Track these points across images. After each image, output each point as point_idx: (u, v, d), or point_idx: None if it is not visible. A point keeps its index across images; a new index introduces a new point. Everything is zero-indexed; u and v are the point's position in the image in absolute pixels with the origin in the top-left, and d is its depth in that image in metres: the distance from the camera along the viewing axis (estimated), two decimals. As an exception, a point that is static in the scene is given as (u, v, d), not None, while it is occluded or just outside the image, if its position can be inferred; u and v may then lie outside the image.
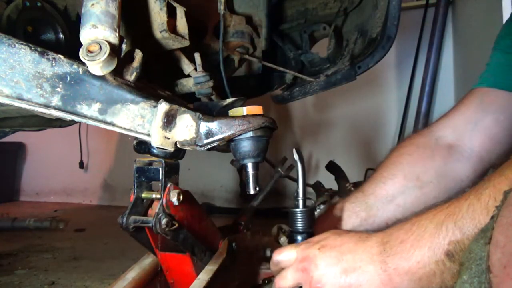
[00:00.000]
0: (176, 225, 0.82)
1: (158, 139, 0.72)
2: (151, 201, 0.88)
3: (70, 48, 0.93)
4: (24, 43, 0.65)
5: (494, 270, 0.35)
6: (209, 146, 0.76)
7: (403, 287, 0.58)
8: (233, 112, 0.80)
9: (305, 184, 0.80)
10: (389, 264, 0.59)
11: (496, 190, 0.49)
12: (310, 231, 0.78)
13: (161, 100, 0.73)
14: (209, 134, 0.75)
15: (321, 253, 0.65)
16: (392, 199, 0.92)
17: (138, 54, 0.73)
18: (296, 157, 0.79)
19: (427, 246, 0.55)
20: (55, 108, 0.67)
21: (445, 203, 0.56)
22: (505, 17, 1.58)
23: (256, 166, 0.81)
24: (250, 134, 0.77)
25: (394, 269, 0.58)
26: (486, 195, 0.50)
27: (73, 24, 0.97)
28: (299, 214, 0.78)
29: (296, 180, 0.80)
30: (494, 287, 0.34)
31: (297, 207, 0.79)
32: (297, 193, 0.79)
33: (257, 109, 0.79)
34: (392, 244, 0.60)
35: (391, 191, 0.92)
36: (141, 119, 0.72)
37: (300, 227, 0.78)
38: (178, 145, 0.76)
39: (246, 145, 0.78)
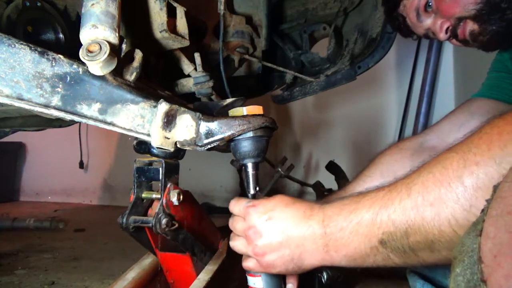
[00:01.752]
0: (176, 225, 0.82)
1: (158, 139, 0.72)
2: (151, 201, 0.89)
3: (70, 48, 0.93)
4: (24, 43, 0.65)
5: (485, 260, 0.36)
6: (209, 146, 0.76)
7: (341, 264, 0.65)
8: (233, 112, 0.80)
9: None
10: (330, 247, 0.64)
11: (424, 187, 0.54)
12: None
13: (161, 100, 0.73)
14: (209, 134, 0.75)
15: (267, 225, 0.69)
16: None
17: (138, 54, 0.73)
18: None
19: (364, 235, 0.60)
20: (55, 108, 0.67)
21: (382, 189, 0.60)
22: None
23: (256, 166, 0.81)
24: (250, 134, 0.77)
25: (334, 252, 0.64)
26: (416, 192, 0.54)
27: (73, 24, 0.97)
28: None
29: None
30: (486, 277, 0.35)
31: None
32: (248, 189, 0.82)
33: (257, 109, 0.79)
34: (332, 229, 0.64)
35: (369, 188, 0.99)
36: (141, 119, 0.72)
37: None
38: (178, 145, 0.76)
39: (246, 145, 0.78)
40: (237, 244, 0.75)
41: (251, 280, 0.81)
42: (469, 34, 0.97)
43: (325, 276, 0.98)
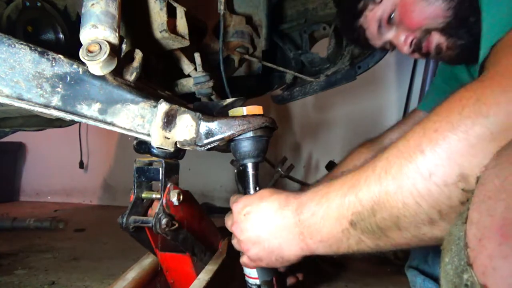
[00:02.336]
0: (176, 225, 0.82)
1: (158, 139, 0.72)
2: (151, 201, 0.89)
3: (70, 48, 0.93)
4: (24, 43, 0.65)
5: (471, 244, 0.37)
6: (209, 146, 0.76)
7: (319, 251, 0.65)
8: (233, 112, 0.80)
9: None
10: (305, 235, 0.65)
11: (387, 162, 0.54)
12: None
13: (161, 100, 0.73)
14: (209, 134, 0.75)
15: (245, 219, 0.71)
16: None
17: (138, 54, 0.73)
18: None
19: (335, 218, 0.60)
20: (55, 108, 0.67)
21: (353, 171, 0.61)
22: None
23: (256, 166, 0.81)
24: (250, 134, 0.77)
25: (310, 239, 0.64)
26: (380, 168, 0.54)
27: (73, 24, 0.97)
28: None
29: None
30: (472, 260, 0.36)
31: None
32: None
33: (257, 109, 0.79)
34: (305, 216, 0.65)
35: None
36: (141, 119, 0.72)
37: None
38: (178, 145, 0.76)
39: (246, 145, 0.78)
40: (232, 241, 0.78)
41: (246, 269, 0.85)
42: (435, 48, 0.95)
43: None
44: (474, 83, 0.51)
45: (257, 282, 0.83)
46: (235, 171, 1.18)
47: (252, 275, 0.84)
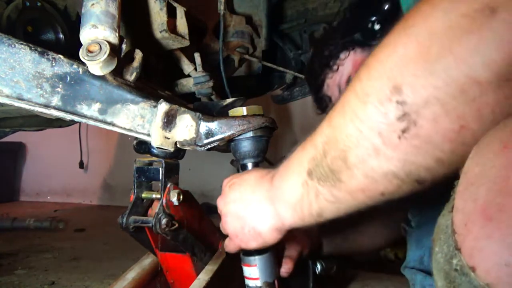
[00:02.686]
0: (176, 225, 0.82)
1: (158, 139, 0.72)
2: (151, 201, 0.89)
3: (70, 48, 0.93)
4: (24, 43, 0.65)
5: (457, 230, 0.38)
6: (209, 146, 0.76)
7: (287, 220, 0.63)
8: (233, 112, 0.80)
9: None
10: (274, 199, 0.64)
11: (338, 104, 0.53)
12: None
13: (161, 100, 0.73)
14: (209, 134, 0.75)
15: (230, 190, 0.71)
16: None
17: (138, 54, 0.73)
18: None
19: (295, 171, 0.60)
20: (55, 108, 0.67)
21: None
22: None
23: (256, 166, 0.81)
24: (250, 134, 0.77)
25: (278, 201, 0.63)
26: (331, 111, 0.54)
27: (73, 24, 0.97)
28: None
29: None
30: (460, 245, 0.37)
31: None
32: None
33: (257, 109, 0.79)
34: (276, 180, 0.64)
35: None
36: (141, 119, 0.72)
37: None
38: (178, 145, 0.76)
39: (246, 145, 0.78)
40: (220, 225, 0.76)
41: (246, 271, 0.82)
42: None
43: (319, 267, 0.99)
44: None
45: (258, 283, 0.81)
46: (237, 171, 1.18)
47: (252, 275, 0.82)
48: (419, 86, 0.42)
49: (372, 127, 0.48)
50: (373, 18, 0.98)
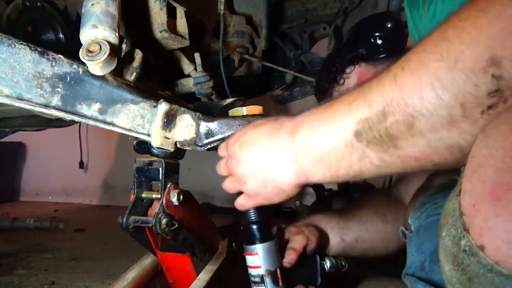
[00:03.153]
0: (176, 225, 0.82)
1: (158, 139, 0.72)
2: (151, 201, 0.88)
3: (70, 48, 0.93)
4: (24, 43, 0.65)
5: (466, 212, 0.37)
6: (209, 146, 0.76)
7: (315, 176, 0.59)
8: (233, 112, 0.80)
9: None
10: (300, 155, 0.60)
11: (405, 59, 0.48)
12: (262, 220, 0.81)
13: (161, 100, 0.73)
14: (209, 134, 0.75)
15: (240, 150, 0.67)
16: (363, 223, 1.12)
17: (138, 54, 0.73)
18: None
19: (337, 128, 0.54)
20: (55, 108, 0.67)
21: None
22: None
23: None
24: (250, 134, 0.76)
25: (305, 158, 0.59)
26: (396, 67, 0.49)
27: (73, 24, 0.97)
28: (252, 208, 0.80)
29: None
30: (468, 225, 0.37)
31: None
32: None
33: (257, 109, 0.79)
34: (302, 133, 0.60)
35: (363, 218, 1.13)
36: (141, 119, 0.72)
37: (253, 217, 0.80)
38: (178, 145, 0.76)
39: (246, 145, 0.78)
40: (225, 183, 0.73)
41: (248, 260, 0.82)
42: None
43: (328, 264, 0.98)
44: None
45: (260, 272, 0.80)
46: None
47: (254, 263, 0.81)
48: None
49: (456, 97, 0.43)
50: (376, 34, 1.05)
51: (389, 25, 1.08)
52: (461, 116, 0.43)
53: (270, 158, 0.63)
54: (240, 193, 0.73)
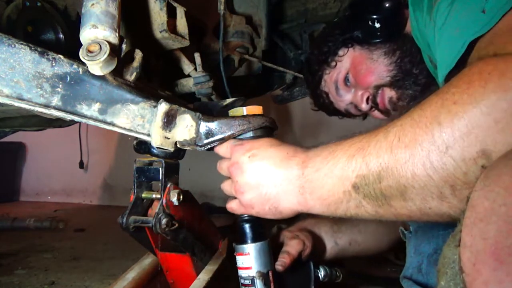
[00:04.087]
0: (176, 225, 0.82)
1: (158, 139, 0.72)
2: (151, 201, 0.88)
3: (70, 48, 0.93)
4: (24, 43, 0.65)
5: (466, 269, 0.37)
6: (209, 146, 0.76)
7: (315, 209, 0.63)
8: (233, 112, 0.80)
9: None
10: (306, 189, 0.63)
11: (401, 129, 0.52)
12: (256, 218, 0.78)
13: (161, 100, 0.73)
14: (209, 134, 0.75)
15: (249, 161, 0.68)
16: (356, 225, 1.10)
17: (138, 54, 0.73)
18: None
19: (338, 177, 0.58)
20: (55, 108, 0.67)
21: (364, 134, 0.59)
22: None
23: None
24: (250, 134, 0.77)
25: (309, 194, 0.62)
26: (392, 134, 0.52)
27: (73, 24, 0.97)
28: None
29: None
30: (468, 286, 0.36)
31: None
32: None
33: (257, 109, 0.79)
34: (310, 170, 0.63)
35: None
36: (141, 119, 0.72)
37: (246, 216, 0.78)
38: (178, 145, 0.76)
39: (246, 145, 0.78)
40: (224, 184, 0.75)
41: (239, 260, 0.80)
42: (388, 102, 1.02)
43: (322, 273, 0.97)
44: (492, 58, 0.48)
45: (250, 273, 0.78)
46: None
47: (245, 264, 0.79)
48: None
49: (446, 179, 0.46)
50: (374, 17, 0.97)
51: (388, 8, 0.98)
52: (450, 194, 0.47)
53: (278, 181, 0.66)
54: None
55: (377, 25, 0.98)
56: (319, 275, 0.97)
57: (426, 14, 0.79)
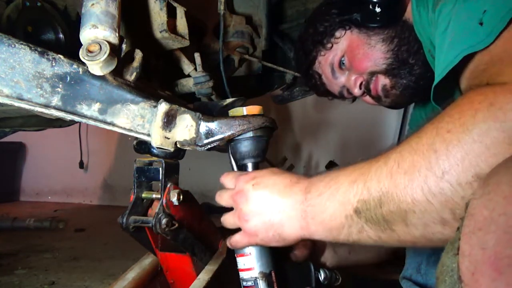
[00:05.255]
0: (176, 225, 0.82)
1: (158, 139, 0.72)
2: (151, 201, 0.89)
3: (70, 48, 0.93)
4: (24, 43, 0.65)
5: (464, 279, 0.37)
6: (209, 146, 0.76)
7: (317, 235, 0.64)
8: (233, 112, 0.80)
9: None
10: (308, 213, 0.64)
11: (400, 156, 0.54)
12: None
13: (161, 100, 0.73)
14: (209, 134, 0.75)
15: (254, 189, 0.69)
16: None
17: (138, 54, 0.73)
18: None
19: (339, 202, 0.59)
20: (55, 108, 0.67)
21: (365, 161, 0.60)
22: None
23: (256, 166, 0.81)
24: (250, 134, 0.77)
25: (312, 218, 0.63)
26: (392, 161, 0.54)
27: (73, 24, 0.97)
28: None
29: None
30: None
31: None
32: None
33: (257, 109, 0.79)
34: (312, 195, 0.64)
35: None
36: (141, 119, 0.72)
37: None
38: (178, 145, 0.76)
39: (246, 145, 0.78)
40: (225, 217, 0.75)
41: (240, 262, 0.79)
42: (382, 89, 1.01)
43: (323, 275, 0.97)
44: (482, 88, 0.51)
45: (253, 274, 0.77)
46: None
47: (246, 265, 0.78)
48: None
49: (445, 204, 0.48)
50: (375, 0, 0.95)
51: None
52: (452, 219, 0.48)
53: (282, 207, 0.67)
54: (235, 230, 0.75)
55: (378, 9, 0.95)
56: (320, 276, 0.97)
57: (431, 12, 0.79)
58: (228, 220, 0.75)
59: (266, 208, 0.67)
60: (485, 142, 0.46)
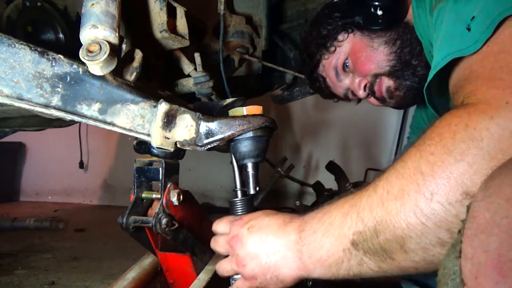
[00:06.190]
0: (176, 225, 0.82)
1: (158, 139, 0.72)
2: (151, 201, 0.89)
3: (70, 48, 0.93)
4: (24, 43, 0.65)
5: (467, 282, 0.37)
6: (209, 146, 0.76)
7: (316, 273, 0.62)
8: (233, 112, 0.80)
9: (241, 177, 0.82)
10: (304, 253, 0.63)
11: (388, 182, 0.54)
12: None
13: (161, 100, 0.73)
14: (209, 134, 0.75)
15: (249, 233, 0.69)
16: None
17: (138, 54, 0.73)
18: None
19: (335, 236, 0.59)
20: (55, 108, 0.67)
21: (356, 191, 0.60)
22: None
23: (256, 166, 0.81)
24: (250, 134, 0.77)
25: (308, 257, 0.62)
26: (381, 188, 0.55)
27: (73, 24, 0.97)
28: (239, 203, 0.79)
29: (234, 174, 0.82)
30: None
31: (236, 197, 0.81)
32: (235, 185, 0.82)
33: (257, 109, 0.79)
34: (306, 233, 0.63)
35: None
36: (141, 119, 0.72)
37: (240, 213, 0.78)
38: (178, 145, 0.76)
39: (246, 145, 0.78)
40: (221, 263, 0.74)
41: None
42: (386, 91, 1.02)
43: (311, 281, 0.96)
44: (458, 109, 0.53)
45: None
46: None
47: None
48: None
49: (440, 224, 0.48)
50: (377, 3, 0.95)
51: None
52: (449, 238, 0.48)
53: (277, 248, 0.66)
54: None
55: (379, 12, 0.96)
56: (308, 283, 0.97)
57: (429, 15, 0.79)
58: (224, 267, 0.73)
59: (262, 251, 0.66)
60: (467, 160, 0.47)
